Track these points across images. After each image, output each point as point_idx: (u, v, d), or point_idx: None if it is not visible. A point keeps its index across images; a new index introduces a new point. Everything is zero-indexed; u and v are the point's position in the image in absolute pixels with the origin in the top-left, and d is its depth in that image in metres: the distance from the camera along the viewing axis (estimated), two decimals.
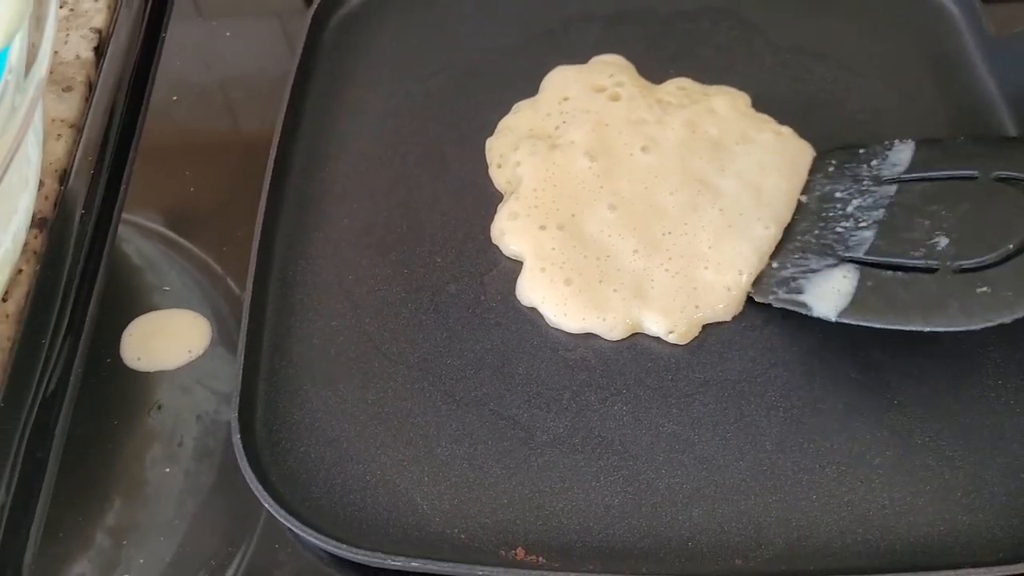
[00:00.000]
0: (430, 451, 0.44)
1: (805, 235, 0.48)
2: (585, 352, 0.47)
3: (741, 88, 0.55)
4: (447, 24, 0.59)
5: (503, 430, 0.45)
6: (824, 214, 0.49)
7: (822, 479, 0.43)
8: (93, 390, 0.46)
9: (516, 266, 0.49)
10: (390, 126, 0.55)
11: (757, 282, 0.48)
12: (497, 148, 0.53)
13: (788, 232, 0.49)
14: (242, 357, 0.45)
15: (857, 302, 0.44)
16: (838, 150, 0.51)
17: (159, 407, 0.45)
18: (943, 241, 0.44)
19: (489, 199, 0.52)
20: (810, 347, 0.47)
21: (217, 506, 0.43)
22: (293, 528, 0.41)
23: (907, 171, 0.48)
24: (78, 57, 0.57)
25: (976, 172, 0.46)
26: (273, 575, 0.42)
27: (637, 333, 0.47)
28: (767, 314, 0.47)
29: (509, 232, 0.50)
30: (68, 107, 0.55)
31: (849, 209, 0.48)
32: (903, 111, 0.55)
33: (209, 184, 0.54)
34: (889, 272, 0.45)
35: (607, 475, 0.44)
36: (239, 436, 0.43)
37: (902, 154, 0.49)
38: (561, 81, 0.55)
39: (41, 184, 0.50)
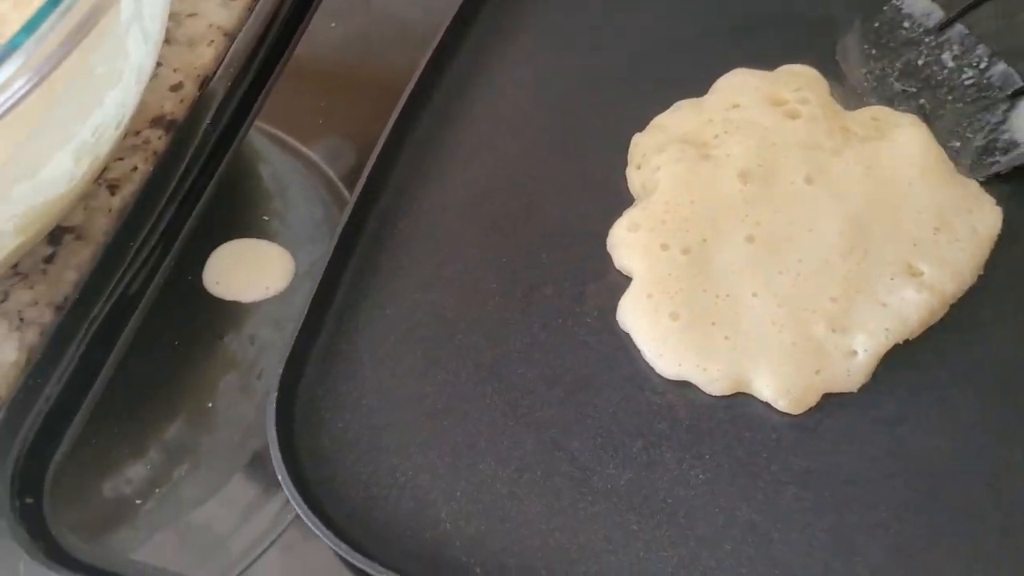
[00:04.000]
0: (472, 465, 0.38)
1: (949, 109, 0.44)
2: (675, 399, 0.39)
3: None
4: (622, 4, 0.52)
5: (557, 463, 0.38)
6: (939, 86, 0.45)
7: None
8: (166, 307, 0.43)
9: (624, 283, 0.42)
10: (535, 98, 0.48)
11: (970, 168, 0.43)
12: (642, 146, 0.45)
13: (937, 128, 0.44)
14: (306, 310, 0.41)
15: None
16: (863, 36, 0.47)
17: (221, 338, 0.42)
18: None
19: (618, 201, 0.44)
20: (946, 462, 0.37)
21: (249, 477, 0.39)
22: (298, 509, 0.36)
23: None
24: None
25: None
26: (276, 564, 0.37)
27: (741, 393, 0.39)
28: (902, 396, 0.38)
29: (624, 244, 0.42)
30: (229, 16, 0.52)
31: (949, 65, 0.45)
32: None
33: (340, 119, 0.50)
34: None
35: (660, 549, 0.36)
36: (275, 395, 0.39)
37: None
38: (737, 86, 0.46)
39: (180, 86, 0.49)
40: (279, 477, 0.37)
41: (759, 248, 0.41)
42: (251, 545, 0.38)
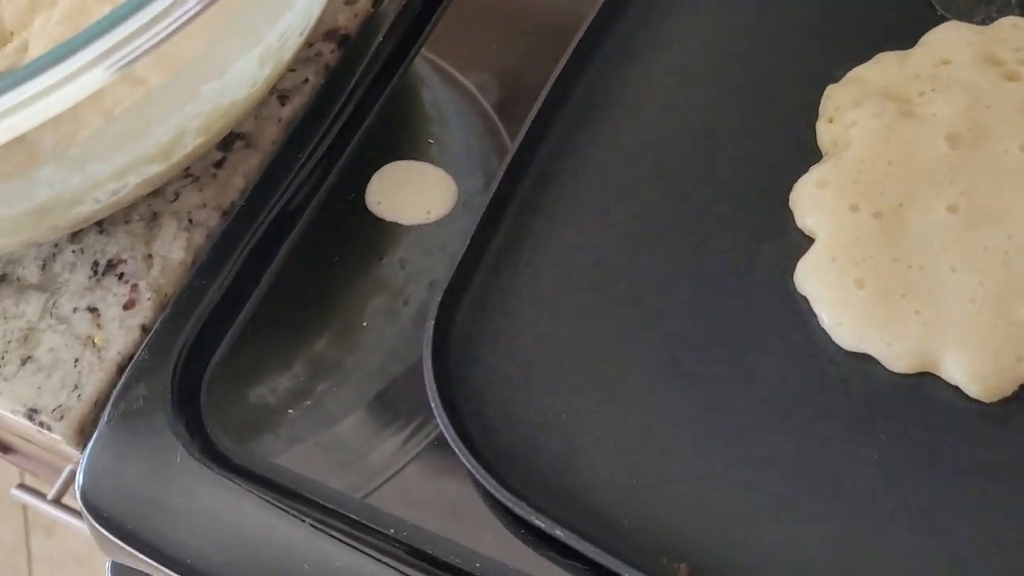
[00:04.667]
0: (627, 414, 0.36)
1: None
2: (851, 372, 0.36)
3: None
4: None
5: (717, 423, 0.36)
6: None
7: None
8: (329, 220, 0.43)
9: (805, 243, 0.39)
10: (720, 40, 0.45)
11: None
12: (836, 99, 0.42)
13: None
14: (468, 241, 0.39)
15: None
16: None
17: (380, 258, 0.41)
18: None
19: (804, 156, 0.41)
20: None
21: (399, 398, 0.39)
22: (450, 440, 0.35)
23: None
24: None
25: None
26: (420, 491, 0.37)
27: (926, 373, 0.36)
28: None
29: (810, 201, 0.39)
30: None
31: None
32: None
33: (506, 56, 0.48)
34: None
35: (822, 525, 0.34)
36: (433, 322, 0.38)
37: None
38: (949, 40, 0.42)
39: (355, 0, 0.47)
40: (432, 405, 0.36)
41: (962, 219, 0.37)
42: (389, 463, 0.37)
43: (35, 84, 0.26)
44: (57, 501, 0.50)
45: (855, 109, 0.41)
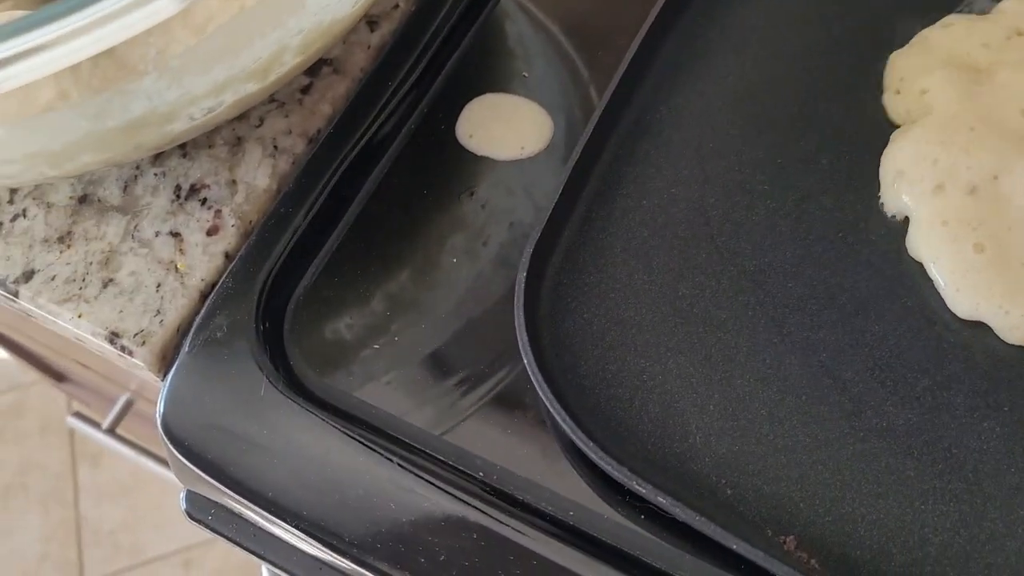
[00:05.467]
0: (729, 379, 0.34)
1: None
2: (971, 340, 0.34)
3: None
4: None
5: (826, 391, 0.34)
6: None
7: None
8: (418, 151, 0.40)
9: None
10: None
11: None
12: (900, 68, 0.39)
13: None
14: (561, 189, 0.37)
15: None
16: None
17: (471, 193, 0.39)
18: None
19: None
20: None
21: (486, 340, 0.37)
22: (544, 399, 0.33)
23: None
24: None
25: None
26: (508, 439, 0.35)
27: None
28: None
29: (899, 178, 0.37)
30: None
31: None
32: None
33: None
34: None
35: (940, 502, 0.32)
36: (525, 273, 0.35)
37: None
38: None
39: None
40: (525, 362, 0.34)
41: None
42: (478, 407, 0.35)
43: None
44: (111, 431, 0.48)
45: (925, 76, 0.38)
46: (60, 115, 0.29)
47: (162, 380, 0.35)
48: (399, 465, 0.33)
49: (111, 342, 0.35)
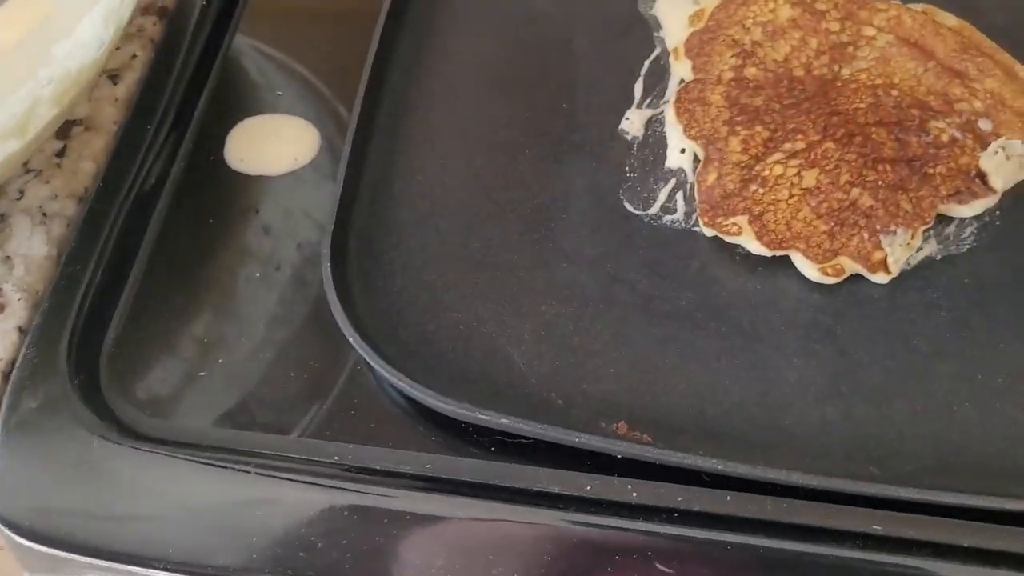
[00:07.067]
0: (534, 308, 0.38)
1: None
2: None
3: None
4: None
5: (618, 295, 0.38)
6: None
7: (985, 390, 0.35)
8: (193, 186, 0.41)
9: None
10: None
11: None
12: None
13: None
14: (341, 180, 0.39)
15: None
16: None
17: (256, 211, 0.40)
18: None
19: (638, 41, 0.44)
20: (982, 245, 0.39)
21: (306, 340, 0.38)
22: (378, 368, 0.35)
23: None
24: None
25: None
26: (351, 421, 0.36)
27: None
28: None
29: None
30: None
31: None
32: None
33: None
34: None
35: (731, 357, 0.37)
36: (329, 264, 0.37)
37: None
38: None
39: None
40: (349, 339, 0.36)
41: None
42: (316, 402, 0.37)
43: None
44: None
45: None
46: None
47: None
48: (257, 475, 0.34)
49: None
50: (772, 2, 0.42)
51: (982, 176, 0.38)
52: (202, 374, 0.36)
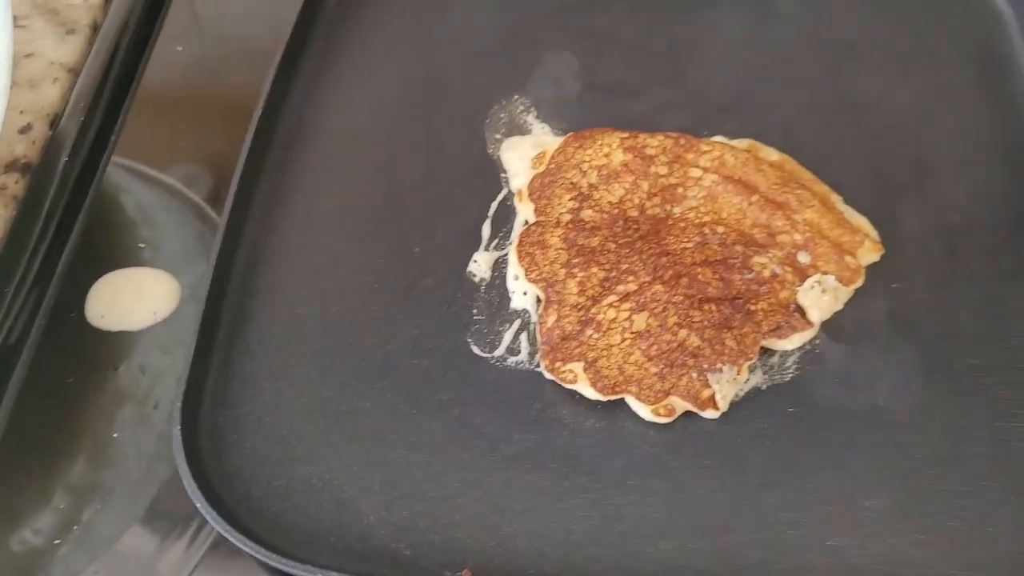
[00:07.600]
0: (384, 456, 0.39)
1: None
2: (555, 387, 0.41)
3: None
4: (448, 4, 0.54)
5: (465, 439, 0.40)
6: None
7: (810, 520, 0.37)
8: (54, 344, 0.42)
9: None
10: (382, 105, 0.50)
11: None
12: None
13: None
14: (194, 341, 0.40)
15: None
16: None
17: (116, 368, 0.41)
18: None
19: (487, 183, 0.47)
20: (804, 374, 0.41)
21: (162, 502, 0.39)
22: (223, 532, 0.36)
23: None
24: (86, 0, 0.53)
25: None
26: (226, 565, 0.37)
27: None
28: None
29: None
30: (69, 50, 0.50)
31: None
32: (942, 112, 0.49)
33: (197, 142, 0.50)
34: None
35: (572, 497, 0.38)
36: (179, 427, 0.38)
37: None
38: None
39: (29, 128, 0.47)
40: (197, 505, 0.36)
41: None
42: (176, 570, 0.37)
43: None
44: None
45: None
46: None
47: None
48: None
49: None
50: (607, 147, 0.45)
51: (801, 310, 0.41)
52: (56, 542, 0.36)
